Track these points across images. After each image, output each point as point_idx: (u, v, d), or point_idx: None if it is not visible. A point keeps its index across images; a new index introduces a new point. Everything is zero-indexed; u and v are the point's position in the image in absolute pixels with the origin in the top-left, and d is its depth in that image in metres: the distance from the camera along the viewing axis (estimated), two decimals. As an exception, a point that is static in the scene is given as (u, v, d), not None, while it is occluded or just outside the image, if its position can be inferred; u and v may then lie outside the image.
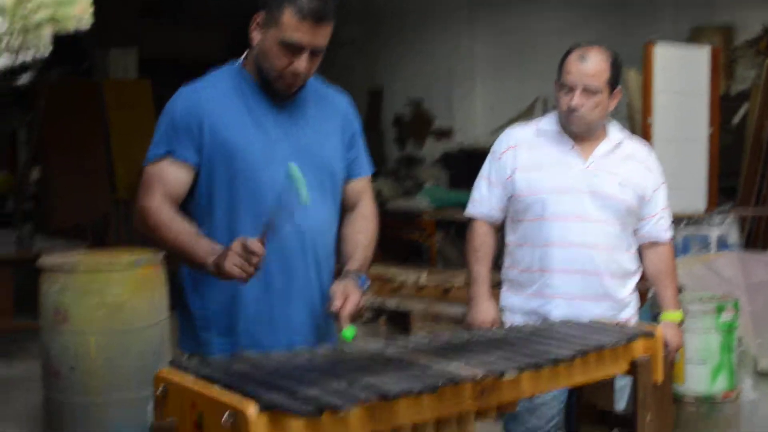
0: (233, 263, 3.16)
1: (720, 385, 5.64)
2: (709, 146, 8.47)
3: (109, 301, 6.01)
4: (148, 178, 3.48)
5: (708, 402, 5.66)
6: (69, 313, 6.02)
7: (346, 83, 16.16)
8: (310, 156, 3.54)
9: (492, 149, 4.50)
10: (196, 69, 3.63)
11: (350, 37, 19.00)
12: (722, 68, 11.21)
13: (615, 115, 4.40)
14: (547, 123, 4.40)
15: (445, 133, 17.17)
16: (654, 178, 4.40)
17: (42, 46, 27.44)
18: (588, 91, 4.16)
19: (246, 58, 3.59)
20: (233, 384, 2.70)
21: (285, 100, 3.53)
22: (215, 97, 3.48)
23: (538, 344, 3.32)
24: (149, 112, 14.16)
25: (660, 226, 4.43)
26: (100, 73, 15.40)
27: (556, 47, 13.66)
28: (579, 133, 4.27)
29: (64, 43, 20.95)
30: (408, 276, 7.31)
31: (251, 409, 2.49)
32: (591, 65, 4.16)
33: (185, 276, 3.63)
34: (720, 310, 5.62)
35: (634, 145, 4.43)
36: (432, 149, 17.50)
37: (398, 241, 13.20)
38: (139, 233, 3.53)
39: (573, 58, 4.21)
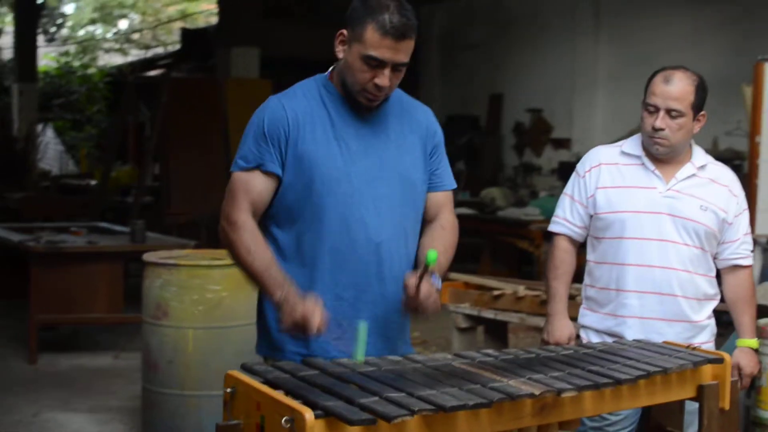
0: (289, 324, 3.34)
1: (806, 411, 5.59)
2: (817, 168, 8.34)
3: (208, 297, 6.15)
4: (235, 186, 3.60)
5: (794, 428, 5.62)
6: (169, 308, 6.18)
7: (469, 86, 16.32)
8: (390, 167, 3.63)
9: (576, 168, 4.54)
10: (318, 68, 3.73)
11: (476, 40, 19.06)
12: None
13: (735, 132, 4.38)
14: (631, 144, 4.43)
15: (563, 143, 17.12)
16: (737, 203, 4.38)
17: (172, 43, 27.91)
18: (672, 114, 4.17)
19: (332, 71, 3.69)
20: (296, 389, 2.82)
21: (368, 113, 3.62)
22: (301, 109, 3.59)
23: (605, 364, 3.36)
24: (269, 111, 14.36)
25: (741, 252, 4.41)
26: (222, 71, 15.65)
27: (677, 59, 13.58)
28: (661, 155, 4.29)
29: (192, 40, 21.29)
30: (506, 287, 7.34)
31: (308, 415, 2.59)
32: (675, 88, 4.18)
33: None
34: (808, 335, 5.57)
35: (718, 169, 4.43)
36: (549, 158, 17.47)
37: (509, 248, 13.23)
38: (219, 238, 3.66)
39: (658, 80, 4.23)
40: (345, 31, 3.53)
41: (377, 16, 3.41)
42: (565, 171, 15.76)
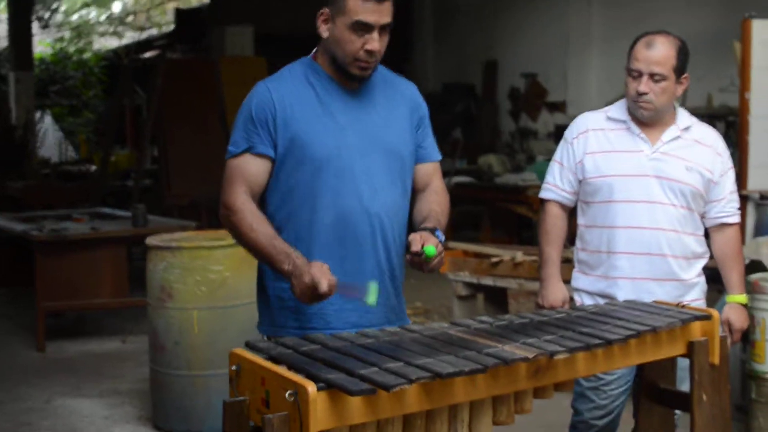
0: (300, 291, 3.42)
1: (801, 363, 5.71)
2: (808, 123, 8.42)
3: (211, 278, 6.25)
4: (231, 171, 3.71)
5: (789, 380, 5.73)
6: (173, 290, 6.29)
7: (462, 53, 16.31)
8: (378, 140, 3.75)
9: (564, 135, 4.64)
10: (312, 43, 3.84)
11: (470, 6, 19.08)
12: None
13: (729, 88, 4.43)
14: (617, 109, 4.53)
15: (558, 106, 17.16)
16: (722, 162, 4.48)
17: (166, 24, 27.90)
18: (655, 78, 4.27)
19: (316, 52, 3.81)
20: (298, 364, 2.92)
21: (356, 85, 3.74)
22: (287, 91, 3.71)
23: (596, 325, 3.46)
24: (264, 89, 14.41)
25: (727, 210, 4.52)
26: (217, 50, 15.69)
27: (671, 19, 13.60)
28: (646, 119, 4.39)
29: (185, 20, 21.30)
30: (504, 254, 7.45)
31: (311, 388, 2.70)
32: (657, 52, 4.28)
33: None
34: (801, 288, 5.68)
35: (702, 130, 4.52)
36: (545, 122, 17.53)
37: (507, 214, 13.31)
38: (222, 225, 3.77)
39: (640, 45, 4.34)
40: (326, 10, 3.65)
41: None
42: (561, 134, 15.76)
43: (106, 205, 13.21)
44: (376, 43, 3.60)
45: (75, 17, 31.73)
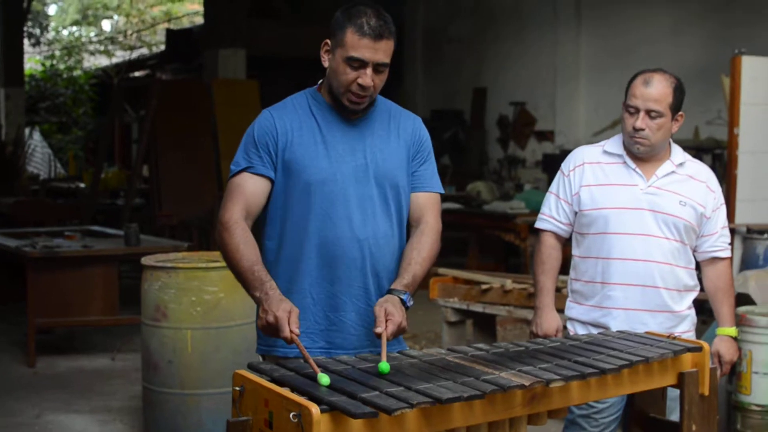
0: (264, 325, 3.52)
1: (786, 397, 5.79)
2: (796, 159, 8.53)
3: (206, 299, 6.31)
4: (230, 189, 3.85)
5: (774, 412, 5.82)
6: (168, 310, 6.34)
7: (453, 79, 16.44)
8: (374, 170, 3.86)
9: (561, 167, 4.74)
10: (303, 66, 3.97)
11: (459, 35, 19.21)
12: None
13: (716, 121, 4.53)
14: (613, 144, 4.63)
15: (546, 135, 17.28)
16: (714, 198, 4.58)
17: (156, 44, 27.96)
18: (651, 114, 4.38)
19: (321, 83, 3.95)
20: (301, 386, 3.00)
21: (355, 116, 3.86)
22: (290, 119, 3.85)
23: (590, 354, 3.55)
24: (256, 111, 14.39)
25: (719, 244, 4.62)
26: (209, 72, 15.78)
27: (658, 50, 13.75)
28: (642, 154, 4.49)
29: (176, 40, 21.37)
30: (494, 281, 7.53)
31: (315, 410, 2.77)
32: (655, 90, 4.39)
33: None
34: (787, 323, 5.77)
35: (696, 166, 4.63)
36: (533, 150, 17.65)
37: (495, 242, 13.40)
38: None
39: (638, 82, 4.44)
40: (329, 41, 3.81)
41: (356, 20, 3.70)
42: (549, 163, 15.92)
43: (95, 223, 13.27)
44: (368, 78, 3.71)
45: (65, 33, 31.78)
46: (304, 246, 3.80)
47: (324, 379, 3.07)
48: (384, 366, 3.20)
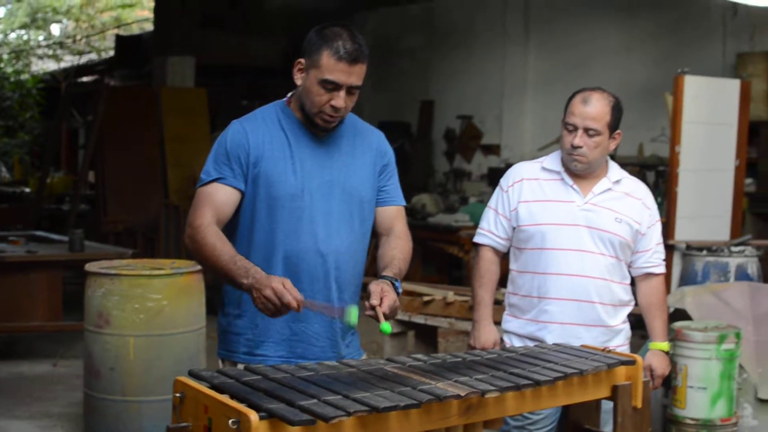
0: (262, 303, 3.56)
1: (719, 411, 5.86)
2: (735, 177, 8.68)
3: (149, 306, 6.32)
4: (200, 197, 3.89)
5: (707, 426, 5.87)
6: (111, 316, 6.34)
7: (401, 91, 16.44)
8: (340, 185, 3.96)
9: (500, 183, 4.82)
10: (251, 75, 4.04)
11: (408, 48, 19.26)
12: (766, 95, 11.45)
13: (660, 138, 4.60)
14: (551, 160, 4.72)
15: (492, 149, 17.36)
16: (650, 215, 4.67)
17: (105, 49, 27.78)
18: (589, 132, 4.47)
19: (291, 96, 4.03)
20: (240, 393, 3.05)
21: (324, 134, 3.95)
22: (261, 132, 3.92)
23: (526, 366, 3.61)
24: (204, 120, 14.54)
25: (653, 260, 4.72)
26: (158, 79, 15.75)
27: (605, 68, 13.86)
28: (579, 171, 4.58)
29: (126, 47, 21.28)
30: (436, 293, 7.59)
31: (253, 417, 2.81)
32: (593, 109, 4.48)
33: (224, 289, 4.07)
34: (722, 339, 5.85)
35: (632, 184, 4.72)
36: (479, 164, 17.72)
37: (439, 254, 13.47)
38: (186, 247, 3.92)
39: (577, 100, 4.53)
40: (302, 60, 3.87)
41: (332, 43, 3.77)
42: (495, 177, 15.94)
43: (40, 228, 13.20)
44: (341, 101, 3.80)
45: (13, 36, 31.53)
46: (271, 258, 3.88)
47: (353, 314, 3.40)
48: (386, 326, 3.53)
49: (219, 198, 3.86)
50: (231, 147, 3.88)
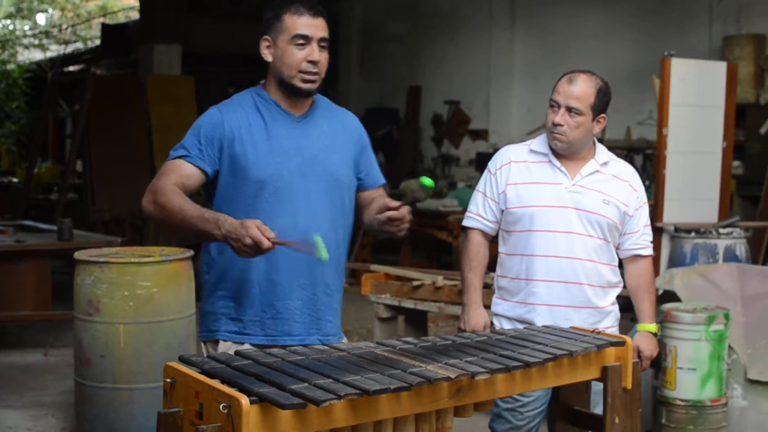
0: (241, 248, 3.58)
1: (709, 392, 5.90)
2: (723, 159, 8.70)
3: (139, 293, 6.31)
4: (164, 168, 3.94)
5: (697, 407, 5.92)
6: (101, 304, 6.32)
7: (388, 78, 16.46)
8: (319, 165, 4.01)
9: (488, 166, 4.83)
10: (239, 62, 4.08)
11: (395, 34, 19.27)
12: (753, 78, 11.47)
13: (647, 121, 4.63)
14: (539, 143, 4.73)
15: (480, 134, 17.37)
16: (637, 197, 4.69)
17: (91, 38, 27.73)
18: (571, 112, 4.49)
19: (265, 81, 4.07)
20: (231, 378, 3.05)
21: (309, 96, 4.03)
22: (237, 116, 3.97)
23: (516, 348, 3.62)
24: (191, 107, 14.53)
25: (641, 242, 4.73)
26: (144, 68, 15.72)
27: (592, 52, 13.87)
28: (561, 151, 4.60)
29: (112, 35, 21.25)
30: (425, 278, 7.61)
31: (244, 401, 2.82)
32: (577, 88, 4.50)
33: (202, 270, 4.09)
34: (711, 320, 5.88)
35: (620, 166, 4.74)
36: (467, 149, 17.74)
37: (428, 239, 13.48)
38: (146, 211, 3.92)
39: (564, 80, 4.56)
40: (267, 36, 3.97)
41: (290, 5, 3.92)
42: (483, 162, 15.87)
43: (28, 217, 13.18)
44: (316, 53, 3.91)
45: (-1, 26, 31.45)
46: None
47: (321, 245, 3.59)
48: (427, 180, 3.83)
49: (185, 171, 3.90)
50: (206, 130, 3.94)
